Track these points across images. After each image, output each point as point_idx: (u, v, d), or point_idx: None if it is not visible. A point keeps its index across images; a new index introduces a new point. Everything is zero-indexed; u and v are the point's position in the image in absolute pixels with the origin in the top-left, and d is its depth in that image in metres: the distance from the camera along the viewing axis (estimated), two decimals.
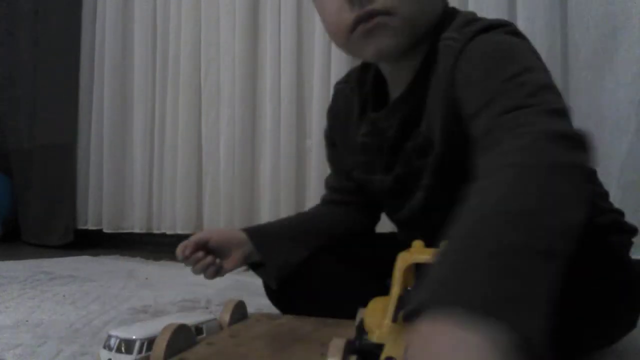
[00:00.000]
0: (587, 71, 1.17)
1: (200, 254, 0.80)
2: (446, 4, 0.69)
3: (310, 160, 1.67)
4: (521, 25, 1.24)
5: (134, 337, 0.58)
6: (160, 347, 0.54)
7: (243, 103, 1.86)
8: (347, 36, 0.63)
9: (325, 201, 0.94)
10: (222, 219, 1.91)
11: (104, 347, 0.59)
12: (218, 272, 0.82)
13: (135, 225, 2.24)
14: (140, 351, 0.57)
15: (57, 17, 2.54)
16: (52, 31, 2.57)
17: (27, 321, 0.95)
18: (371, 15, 0.60)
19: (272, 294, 0.87)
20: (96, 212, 2.39)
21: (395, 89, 0.70)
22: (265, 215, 1.81)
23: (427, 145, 0.65)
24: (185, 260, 0.80)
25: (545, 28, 1.21)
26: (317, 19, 1.70)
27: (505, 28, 0.60)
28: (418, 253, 0.49)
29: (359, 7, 0.60)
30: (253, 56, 1.86)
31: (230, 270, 0.84)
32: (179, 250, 0.80)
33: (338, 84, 0.85)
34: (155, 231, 2.18)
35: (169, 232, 2.08)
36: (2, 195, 2.72)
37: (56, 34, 2.55)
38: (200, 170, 2.03)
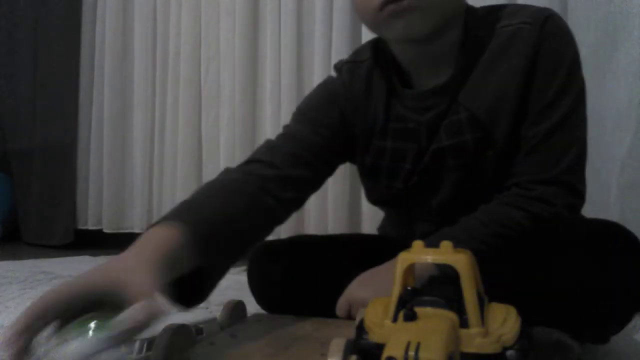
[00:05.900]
0: (587, 71, 1.17)
1: None
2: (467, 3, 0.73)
3: None
4: None
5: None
6: (160, 347, 0.54)
7: (243, 103, 1.86)
8: (374, 14, 0.65)
9: (258, 179, 0.76)
10: None
11: None
12: None
13: (135, 225, 2.24)
14: (140, 351, 0.57)
15: (57, 18, 2.54)
16: (52, 31, 2.57)
17: None
18: None
19: (270, 299, 0.84)
20: (96, 212, 2.38)
21: (421, 72, 0.72)
22: None
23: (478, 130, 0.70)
24: None
25: None
26: (317, 19, 1.70)
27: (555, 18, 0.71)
28: (418, 253, 0.49)
29: None
30: (253, 56, 1.86)
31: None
32: None
33: (346, 62, 0.79)
34: None
35: None
36: (2, 195, 2.72)
37: (56, 34, 2.55)
38: (201, 171, 2.03)
